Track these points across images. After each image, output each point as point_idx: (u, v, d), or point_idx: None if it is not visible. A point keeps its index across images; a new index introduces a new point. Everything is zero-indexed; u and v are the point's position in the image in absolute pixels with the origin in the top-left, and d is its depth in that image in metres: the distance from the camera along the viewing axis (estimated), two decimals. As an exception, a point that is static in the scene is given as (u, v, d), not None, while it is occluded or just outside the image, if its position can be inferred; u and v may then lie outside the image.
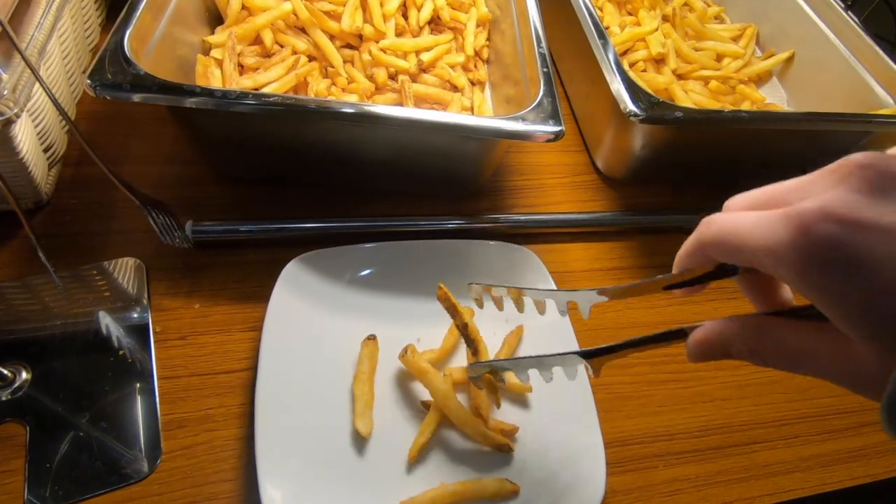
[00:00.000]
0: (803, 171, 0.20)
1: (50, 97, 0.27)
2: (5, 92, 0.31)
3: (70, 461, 0.33)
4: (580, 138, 0.58)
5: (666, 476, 0.38)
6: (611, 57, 0.46)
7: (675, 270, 0.25)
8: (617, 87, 0.43)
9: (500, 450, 0.36)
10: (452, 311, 0.35)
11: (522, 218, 0.49)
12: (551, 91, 0.41)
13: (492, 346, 0.39)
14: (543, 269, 0.42)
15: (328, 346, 0.38)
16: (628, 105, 0.42)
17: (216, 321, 0.40)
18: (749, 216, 0.19)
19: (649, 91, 0.43)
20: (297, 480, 0.32)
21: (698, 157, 0.51)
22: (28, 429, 0.33)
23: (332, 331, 0.39)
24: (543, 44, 0.45)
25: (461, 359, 0.40)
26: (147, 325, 0.39)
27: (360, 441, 0.35)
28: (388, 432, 0.36)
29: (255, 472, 0.31)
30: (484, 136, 0.39)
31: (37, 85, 0.35)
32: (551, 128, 0.38)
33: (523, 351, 0.41)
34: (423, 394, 0.38)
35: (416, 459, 0.35)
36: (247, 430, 0.36)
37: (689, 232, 0.24)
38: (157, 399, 0.36)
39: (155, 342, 0.38)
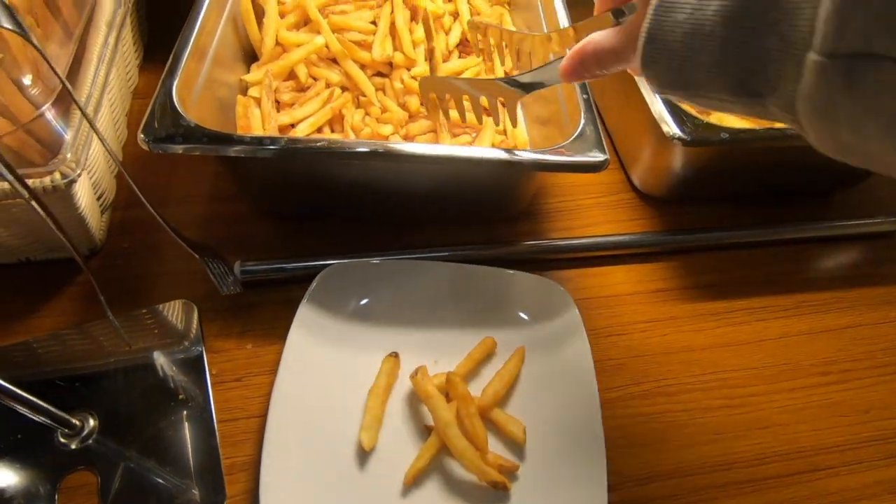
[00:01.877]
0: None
1: (113, 158, 0.27)
2: (69, 155, 0.32)
3: (140, 508, 0.33)
4: (615, 155, 0.58)
5: (727, 507, 0.38)
6: (649, 78, 0.45)
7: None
8: (659, 108, 0.43)
9: (494, 487, 0.35)
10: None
11: (562, 243, 0.49)
12: (593, 118, 0.40)
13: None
14: (573, 308, 0.41)
15: (351, 357, 0.40)
16: (673, 129, 0.41)
17: (269, 361, 0.41)
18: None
19: (692, 111, 0.43)
20: (296, 477, 0.34)
21: (739, 174, 0.50)
22: (99, 477, 0.34)
23: (356, 343, 0.40)
24: (581, 69, 0.44)
25: (473, 385, 0.40)
26: (203, 367, 0.39)
27: (362, 454, 0.36)
28: (392, 450, 0.37)
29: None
30: (529, 170, 0.39)
31: (92, 140, 0.36)
32: (596, 159, 0.38)
33: (530, 385, 0.40)
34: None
35: (413, 483, 0.35)
36: (306, 471, 0.36)
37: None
38: (219, 442, 0.36)
39: (212, 384, 0.39)
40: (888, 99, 0.17)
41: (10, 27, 0.20)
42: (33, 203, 0.23)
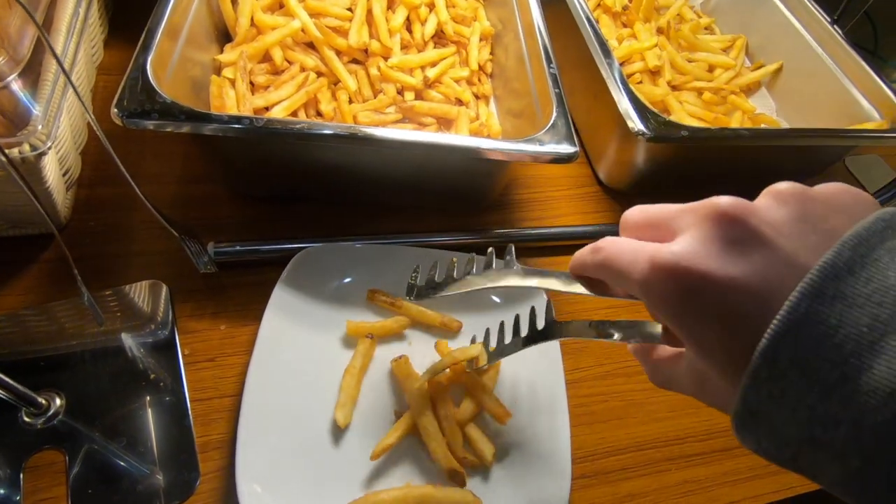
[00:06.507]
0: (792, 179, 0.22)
1: (95, 127, 0.27)
2: (39, 127, 0.31)
3: (110, 486, 0.33)
4: (582, 151, 0.60)
5: (678, 478, 0.40)
6: (617, 76, 0.47)
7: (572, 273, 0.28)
8: (625, 106, 0.45)
9: (451, 477, 0.35)
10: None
11: (531, 232, 0.51)
12: (564, 112, 0.42)
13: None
14: (542, 294, 0.43)
15: (325, 339, 0.41)
16: (637, 125, 0.43)
17: (243, 342, 0.41)
18: (627, 251, 0.23)
19: (654, 109, 0.45)
20: (272, 454, 0.34)
21: (699, 169, 0.53)
22: (66, 456, 0.34)
23: (330, 325, 0.41)
24: (554, 63, 0.46)
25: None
26: (175, 347, 0.39)
27: (337, 431, 0.37)
28: (366, 428, 0.38)
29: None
30: (501, 159, 0.41)
31: (62, 114, 0.35)
32: (566, 150, 0.40)
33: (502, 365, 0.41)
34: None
35: (390, 459, 0.36)
36: (280, 448, 0.37)
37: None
38: (191, 422, 0.36)
39: (185, 364, 0.39)
40: None
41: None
42: (12, 172, 0.23)
